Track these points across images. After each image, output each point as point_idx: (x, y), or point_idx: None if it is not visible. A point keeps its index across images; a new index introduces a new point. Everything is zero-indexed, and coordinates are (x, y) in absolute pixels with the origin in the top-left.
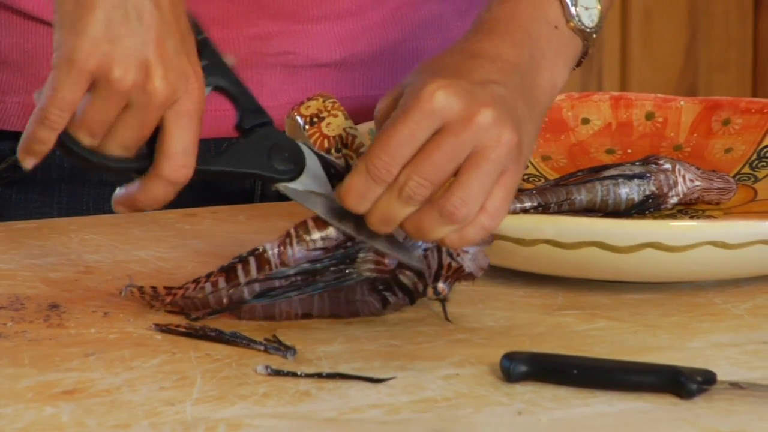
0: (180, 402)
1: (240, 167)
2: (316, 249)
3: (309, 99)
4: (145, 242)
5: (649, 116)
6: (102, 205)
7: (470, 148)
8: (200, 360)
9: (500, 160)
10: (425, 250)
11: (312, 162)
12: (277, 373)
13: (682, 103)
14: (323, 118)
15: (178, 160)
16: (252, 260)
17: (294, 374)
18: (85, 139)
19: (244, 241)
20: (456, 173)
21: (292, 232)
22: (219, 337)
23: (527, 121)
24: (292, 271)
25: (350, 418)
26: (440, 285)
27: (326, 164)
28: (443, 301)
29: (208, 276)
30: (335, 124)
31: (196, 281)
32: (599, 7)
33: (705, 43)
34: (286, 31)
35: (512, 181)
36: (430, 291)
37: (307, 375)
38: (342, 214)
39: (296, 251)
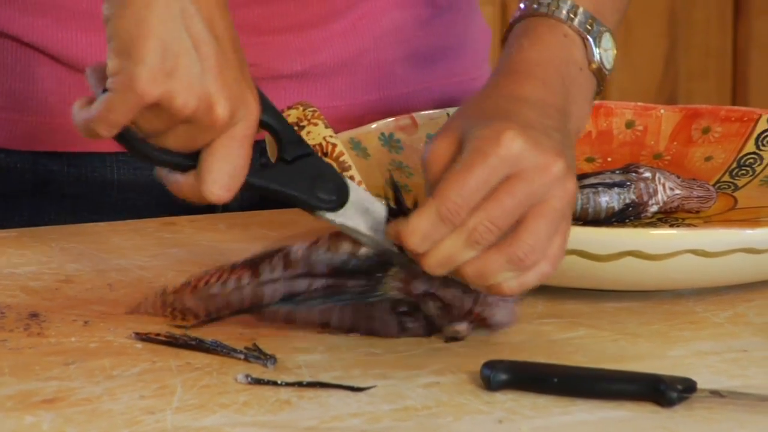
0: (160, 411)
1: (284, 187)
2: (341, 257)
3: (289, 108)
4: (125, 251)
5: (629, 125)
6: (63, 218)
7: (541, 197)
8: (181, 369)
9: (565, 210)
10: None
11: (357, 197)
12: (258, 381)
13: (662, 111)
14: (303, 127)
15: (223, 184)
16: (278, 259)
17: (274, 383)
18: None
19: (225, 250)
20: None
21: (325, 238)
22: (199, 346)
23: (572, 158)
24: (319, 283)
25: (331, 427)
26: (462, 326)
27: (370, 203)
28: (455, 340)
29: (232, 268)
30: (315, 132)
31: (219, 275)
32: (614, 49)
33: (685, 51)
34: (247, 44)
35: (569, 228)
36: (450, 329)
37: (287, 384)
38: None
39: (323, 256)
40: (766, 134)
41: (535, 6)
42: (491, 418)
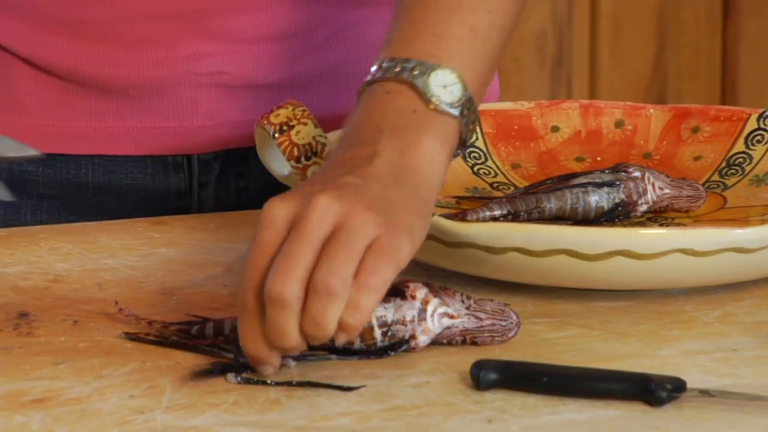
0: (150, 410)
1: None
2: None
3: (278, 107)
4: (114, 250)
5: (619, 124)
6: (39, 217)
7: (318, 231)
8: (170, 368)
9: (356, 227)
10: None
11: None
12: (247, 381)
13: (651, 111)
14: (293, 127)
15: None
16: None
17: (264, 382)
18: None
19: (215, 249)
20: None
21: None
22: (189, 346)
23: (394, 195)
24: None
25: (320, 426)
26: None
27: None
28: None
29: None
30: (305, 132)
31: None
32: (459, 79)
33: (674, 51)
34: (220, 51)
35: (388, 246)
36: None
37: (277, 383)
38: None
39: None
40: (755, 134)
41: (367, 78)
42: (481, 417)
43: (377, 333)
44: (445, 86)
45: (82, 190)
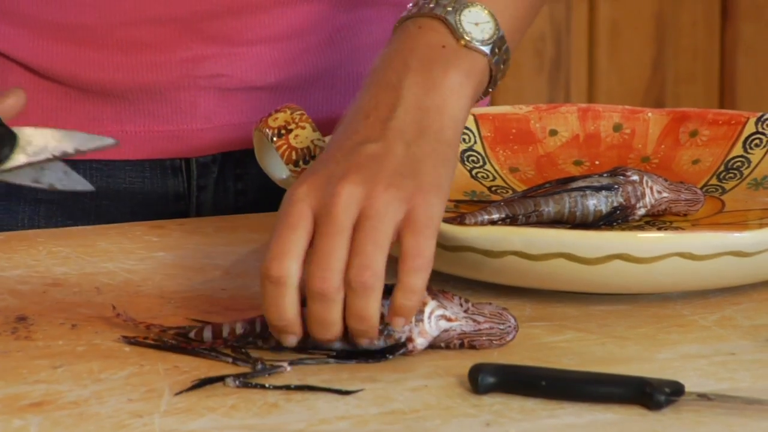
0: (148, 414)
1: None
2: None
3: (277, 111)
4: (112, 254)
5: (617, 128)
6: (37, 223)
7: (347, 221)
8: (168, 372)
9: (381, 212)
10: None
11: (31, 137)
12: (246, 385)
13: (649, 114)
14: (291, 130)
15: None
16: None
17: (262, 386)
18: None
19: (212, 253)
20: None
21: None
22: (187, 349)
23: (418, 149)
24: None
25: (318, 430)
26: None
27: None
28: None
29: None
30: (303, 135)
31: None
32: (492, 17)
33: (672, 54)
34: (219, 54)
35: (422, 218)
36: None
37: (275, 387)
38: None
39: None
40: (753, 137)
41: (403, 15)
42: (479, 421)
43: None
44: (477, 23)
45: (80, 195)
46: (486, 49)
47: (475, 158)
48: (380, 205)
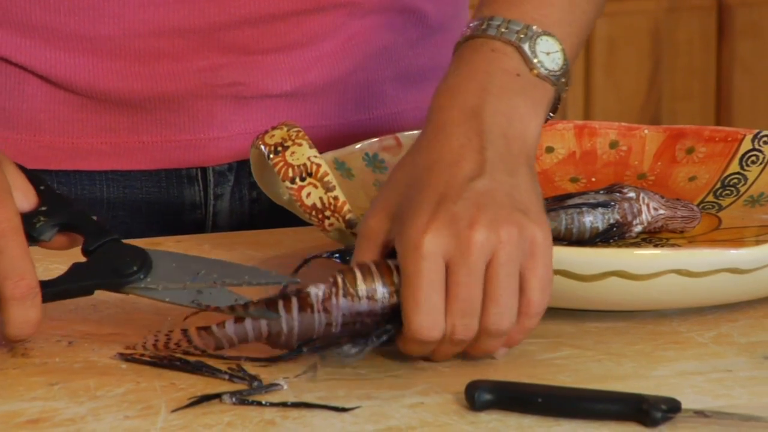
0: (145, 431)
1: (88, 280)
2: (361, 305)
3: (273, 128)
4: None
5: (613, 145)
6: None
7: (483, 267)
8: (165, 389)
9: (512, 255)
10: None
11: (162, 261)
12: (242, 402)
13: (646, 131)
14: (287, 147)
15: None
16: (294, 300)
17: (259, 403)
18: None
19: None
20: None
21: (339, 281)
22: (183, 366)
23: (515, 180)
24: (337, 328)
25: None
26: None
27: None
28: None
29: (245, 306)
30: (300, 152)
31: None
32: (561, 48)
33: (668, 71)
34: (236, 63)
35: (542, 259)
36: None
37: (272, 404)
38: None
39: (341, 302)
40: (750, 154)
41: (468, 32)
42: None
43: None
44: (548, 53)
45: (96, 206)
46: (555, 79)
47: None
48: (512, 250)
